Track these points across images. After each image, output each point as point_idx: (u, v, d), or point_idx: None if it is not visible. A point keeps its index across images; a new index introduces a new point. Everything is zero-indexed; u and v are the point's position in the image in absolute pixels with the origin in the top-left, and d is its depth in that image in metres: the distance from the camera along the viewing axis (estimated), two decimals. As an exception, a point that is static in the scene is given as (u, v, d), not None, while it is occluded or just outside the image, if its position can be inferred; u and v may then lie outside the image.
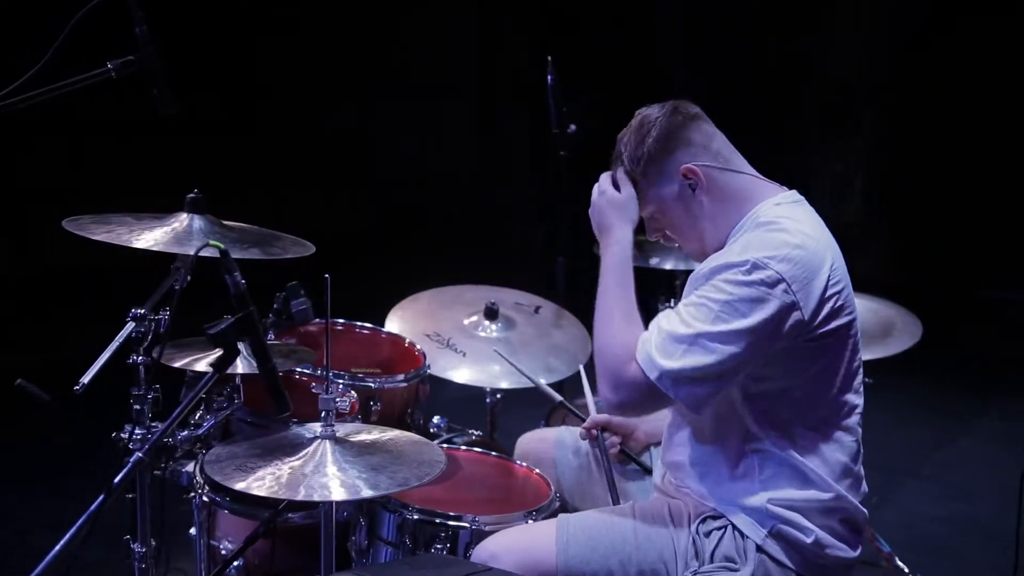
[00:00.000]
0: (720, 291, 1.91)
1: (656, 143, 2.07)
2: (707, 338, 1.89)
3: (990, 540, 3.84)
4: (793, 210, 2.06)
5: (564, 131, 3.40)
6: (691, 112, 2.11)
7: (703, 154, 2.07)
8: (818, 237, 2.01)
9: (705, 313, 1.91)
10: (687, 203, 2.07)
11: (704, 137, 2.09)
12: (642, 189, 2.11)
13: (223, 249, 1.62)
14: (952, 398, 5.49)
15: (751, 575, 1.96)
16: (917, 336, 3.12)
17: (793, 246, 1.94)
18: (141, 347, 2.10)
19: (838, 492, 2.01)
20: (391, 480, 1.80)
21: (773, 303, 1.89)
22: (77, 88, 1.98)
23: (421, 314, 3.03)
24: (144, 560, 2.20)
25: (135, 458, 1.70)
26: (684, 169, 2.05)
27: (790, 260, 1.92)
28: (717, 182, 2.06)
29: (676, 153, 2.07)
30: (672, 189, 2.07)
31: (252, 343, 1.64)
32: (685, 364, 1.89)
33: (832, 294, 1.97)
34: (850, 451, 2.04)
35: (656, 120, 2.09)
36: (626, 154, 2.11)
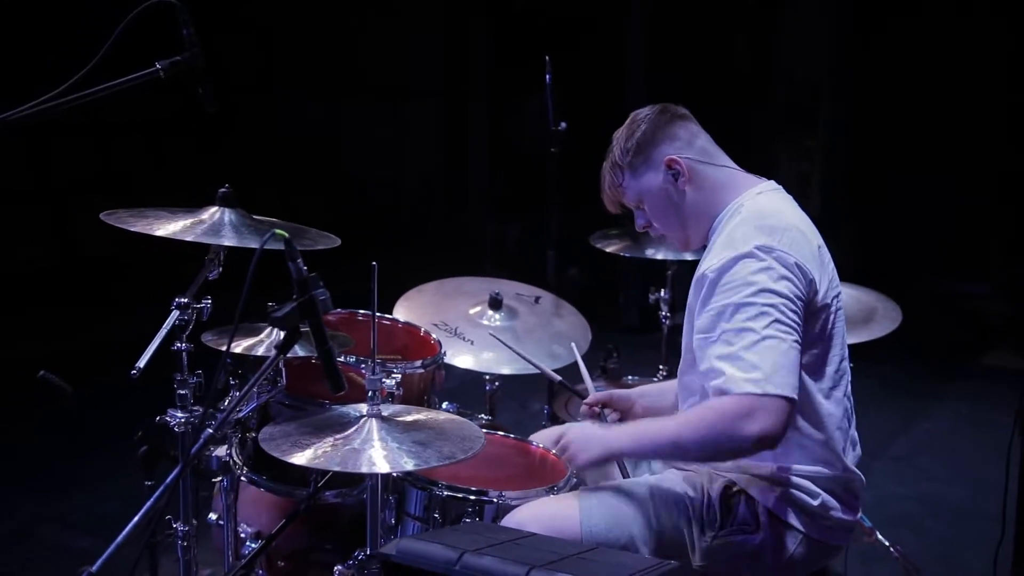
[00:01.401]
0: (748, 285, 2.04)
1: (643, 136, 2.25)
2: (767, 331, 2.01)
3: (959, 516, 4.06)
4: (773, 198, 2.23)
5: (556, 128, 3.53)
6: (678, 112, 2.30)
7: (686, 148, 2.25)
8: (801, 219, 2.19)
9: (750, 312, 2.03)
10: (670, 193, 2.24)
11: (689, 134, 2.27)
12: (629, 179, 2.27)
13: (287, 238, 1.73)
14: (919, 385, 5.73)
15: (765, 538, 2.12)
16: (897, 321, 3.30)
17: (785, 226, 2.11)
18: (184, 334, 2.20)
19: (840, 457, 2.18)
20: (439, 454, 1.92)
21: (794, 274, 2.05)
22: (125, 88, 2.07)
23: (427, 305, 3.15)
24: (186, 539, 2.30)
25: (206, 434, 1.81)
26: (668, 160, 2.23)
27: (789, 238, 2.09)
28: (699, 174, 2.23)
29: (661, 146, 2.24)
30: (657, 179, 2.24)
31: (313, 326, 1.76)
32: (766, 362, 1.99)
33: (826, 262, 2.16)
34: (847, 416, 2.22)
35: (645, 117, 2.28)
36: (617, 147, 2.29)
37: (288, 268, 1.74)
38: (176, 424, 2.19)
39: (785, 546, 2.13)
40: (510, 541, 1.76)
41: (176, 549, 2.35)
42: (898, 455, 4.77)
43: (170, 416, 2.21)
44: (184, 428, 2.19)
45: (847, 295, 3.35)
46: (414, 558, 1.66)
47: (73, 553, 3.55)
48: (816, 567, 2.24)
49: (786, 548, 2.13)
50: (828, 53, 7.07)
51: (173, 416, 2.20)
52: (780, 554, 2.13)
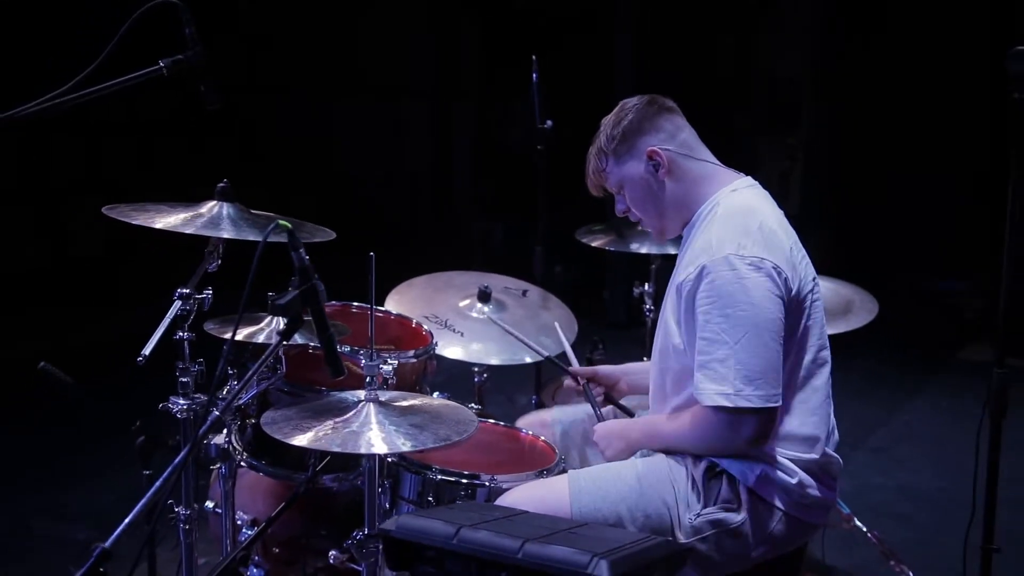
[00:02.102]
0: (720, 296, 2.14)
1: (629, 125, 2.34)
2: (741, 342, 2.11)
3: (935, 503, 4.16)
4: (747, 195, 2.32)
5: (543, 126, 3.62)
6: (665, 104, 2.38)
7: (669, 141, 2.34)
8: (773, 215, 2.28)
9: (723, 325, 2.13)
10: (650, 182, 2.33)
11: (673, 127, 2.36)
12: (612, 166, 2.37)
13: (290, 229, 1.81)
14: (899, 379, 5.85)
15: (746, 516, 2.20)
16: (874, 312, 3.39)
17: (757, 227, 2.20)
18: (186, 324, 2.27)
19: (819, 441, 2.27)
20: (435, 436, 2.01)
21: (766, 279, 2.14)
22: (130, 85, 2.14)
23: (417, 298, 3.23)
24: (188, 522, 2.37)
25: (213, 416, 1.88)
26: (650, 151, 2.32)
27: (762, 239, 2.18)
28: (679, 166, 2.33)
29: (646, 136, 2.33)
30: (638, 168, 2.34)
31: (314, 312, 1.83)
32: (739, 375, 2.10)
33: (799, 259, 2.25)
34: (827, 402, 2.31)
35: (633, 106, 2.37)
36: (604, 133, 2.38)
37: (290, 257, 1.81)
38: (179, 411, 2.26)
39: (765, 523, 2.22)
40: (504, 518, 1.84)
41: (178, 532, 2.41)
42: (878, 446, 4.88)
43: (172, 403, 2.28)
44: (187, 415, 2.27)
45: (826, 288, 3.45)
46: (413, 533, 1.74)
47: (70, 545, 3.60)
48: (796, 543, 2.33)
49: (766, 525, 2.22)
50: (811, 53, 7.20)
51: (175, 403, 2.28)
52: (761, 530, 2.22)
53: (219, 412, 1.93)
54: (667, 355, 2.31)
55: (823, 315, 2.32)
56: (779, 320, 2.14)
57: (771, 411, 2.14)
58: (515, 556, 1.64)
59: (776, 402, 2.14)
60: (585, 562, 1.59)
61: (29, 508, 3.88)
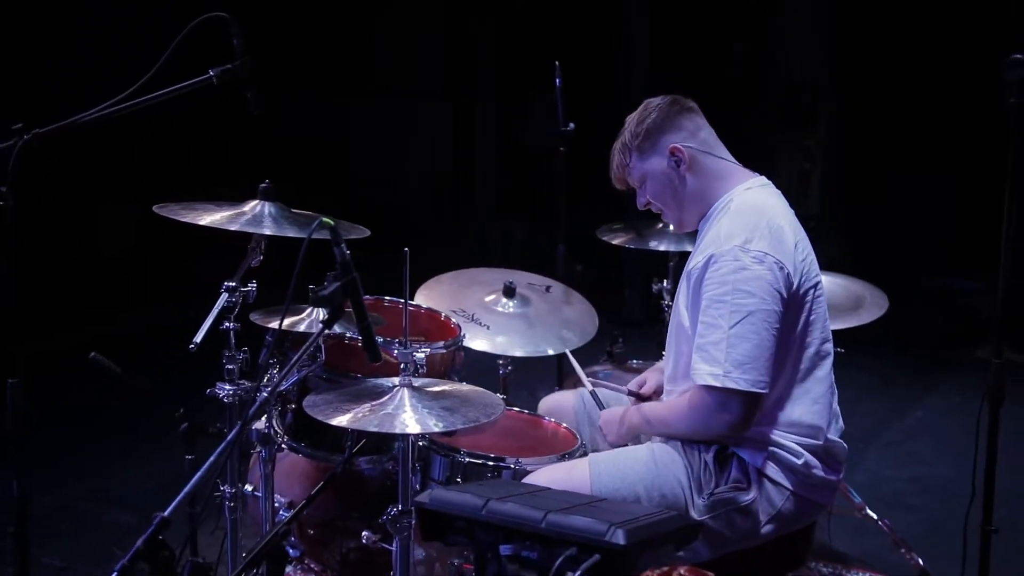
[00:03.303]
0: (723, 284, 2.30)
1: (652, 123, 2.50)
2: (736, 327, 2.26)
3: (945, 495, 4.27)
4: (760, 193, 2.48)
5: (565, 128, 3.76)
6: (687, 105, 2.55)
7: (690, 139, 2.50)
8: (782, 213, 2.43)
9: (721, 310, 2.28)
10: (671, 177, 2.49)
11: (694, 125, 2.52)
12: (636, 161, 2.53)
13: (333, 225, 1.97)
14: (913, 377, 5.96)
15: (756, 495, 2.35)
16: (884, 308, 3.52)
17: (765, 224, 2.35)
18: (232, 315, 2.44)
19: (822, 429, 2.41)
20: (465, 418, 2.16)
21: (767, 272, 2.29)
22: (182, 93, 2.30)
23: (445, 293, 3.37)
24: (233, 499, 2.54)
25: (262, 397, 2.04)
26: (672, 147, 2.48)
27: (766, 234, 2.33)
28: (698, 163, 2.48)
29: (668, 134, 2.49)
30: (661, 163, 2.50)
31: (354, 303, 1.99)
32: (730, 357, 2.26)
33: (804, 256, 2.39)
34: (830, 392, 2.45)
35: (657, 105, 2.53)
36: (628, 130, 2.54)
37: (333, 252, 1.97)
38: (225, 396, 2.43)
39: (774, 501, 2.36)
40: (529, 493, 1.99)
41: (223, 510, 2.58)
42: (891, 440, 5.00)
43: (219, 389, 2.45)
44: (232, 400, 2.43)
45: (837, 285, 3.61)
46: (445, 505, 1.89)
47: (112, 527, 3.76)
48: (803, 522, 2.47)
49: (775, 503, 2.36)
50: (826, 54, 7.30)
51: (222, 389, 2.44)
52: (770, 509, 2.37)
53: (268, 394, 2.07)
54: (680, 339, 2.46)
55: (826, 311, 2.45)
56: (776, 312, 2.28)
57: (757, 396, 2.28)
58: (539, 525, 1.79)
59: (763, 388, 2.27)
60: (603, 530, 1.74)
61: (73, 493, 4.06)
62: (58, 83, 6.06)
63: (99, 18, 6.38)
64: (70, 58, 6.24)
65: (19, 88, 5.93)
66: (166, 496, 1.92)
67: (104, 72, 5.87)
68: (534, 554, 1.80)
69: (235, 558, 2.70)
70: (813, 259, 2.44)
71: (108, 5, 6.33)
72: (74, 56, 6.26)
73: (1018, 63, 2.26)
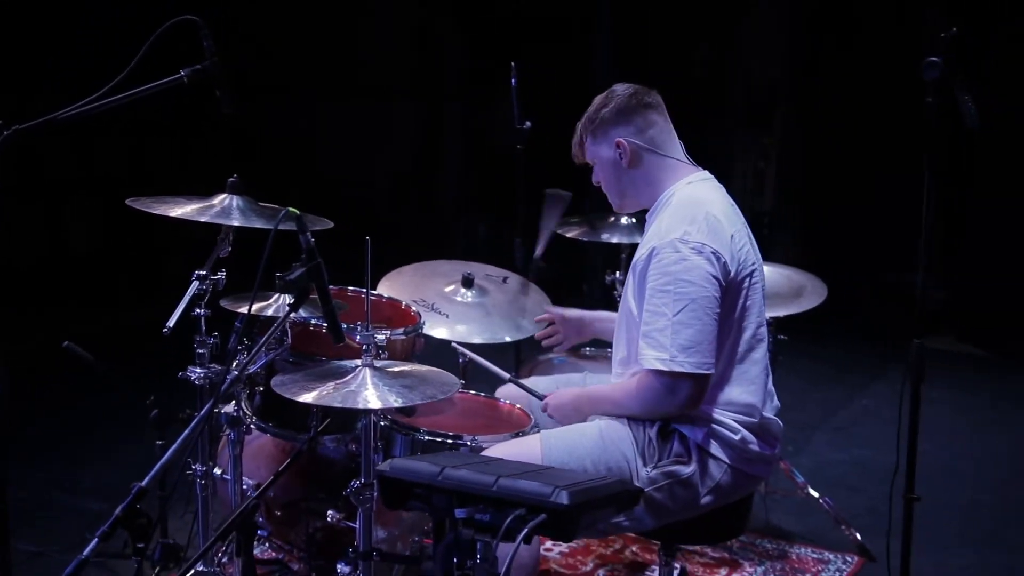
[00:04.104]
0: (665, 274, 2.47)
1: (607, 113, 2.68)
2: (679, 315, 2.43)
3: (885, 477, 4.46)
4: (700, 187, 2.65)
5: (522, 127, 3.91)
6: (646, 100, 2.70)
7: (637, 135, 2.67)
8: (719, 205, 2.59)
9: (664, 299, 2.46)
10: (615, 166, 2.68)
11: (645, 123, 2.68)
12: (589, 143, 2.72)
13: (299, 215, 2.11)
14: (857, 365, 6.19)
15: (696, 468, 2.52)
16: (824, 295, 3.73)
17: (703, 216, 2.52)
18: (203, 302, 2.58)
19: (757, 407, 2.59)
20: (423, 394, 2.32)
21: (705, 262, 2.46)
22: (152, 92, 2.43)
23: (406, 283, 3.52)
24: (204, 478, 2.68)
25: (232, 375, 2.18)
26: (617, 141, 2.66)
27: (703, 226, 2.49)
28: (640, 158, 2.67)
29: (618, 127, 2.67)
30: (607, 152, 2.69)
31: (319, 287, 2.14)
32: (675, 343, 2.42)
33: (740, 246, 2.55)
34: (764, 373, 2.62)
35: (616, 95, 2.70)
36: (588, 113, 2.72)
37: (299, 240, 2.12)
38: (196, 378, 2.57)
39: (713, 475, 2.53)
40: (482, 462, 2.15)
41: (195, 488, 2.71)
42: (838, 426, 5.22)
43: (190, 372, 2.59)
44: (203, 382, 2.57)
45: (779, 274, 3.81)
46: (405, 472, 2.04)
47: (84, 515, 3.88)
48: (740, 493, 2.64)
49: (714, 476, 2.53)
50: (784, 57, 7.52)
51: (194, 372, 2.58)
52: (709, 481, 2.53)
53: (238, 372, 2.22)
54: (629, 326, 2.63)
55: (762, 297, 2.63)
56: (715, 298, 2.46)
57: (704, 377, 2.45)
58: (490, 489, 1.94)
59: (708, 370, 2.45)
60: (549, 492, 1.90)
61: (46, 483, 4.16)
62: (58, 83, 6.11)
63: (99, 18, 6.42)
64: (70, 58, 6.28)
65: (19, 88, 5.99)
66: None
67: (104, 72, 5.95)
68: (486, 516, 1.95)
69: (206, 535, 2.83)
70: (749, 248, 2.60)
71: (108, 5, 6.38)
72: (74, 56, 6.30)
73: (934, 64, 2.44)
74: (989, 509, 4.24)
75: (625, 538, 3.73)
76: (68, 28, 6.39)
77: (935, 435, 4.61)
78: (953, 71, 2.42)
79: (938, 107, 2.45)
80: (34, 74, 6.21)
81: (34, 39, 6.33)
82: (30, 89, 6.07)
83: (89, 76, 2.58)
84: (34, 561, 3.47)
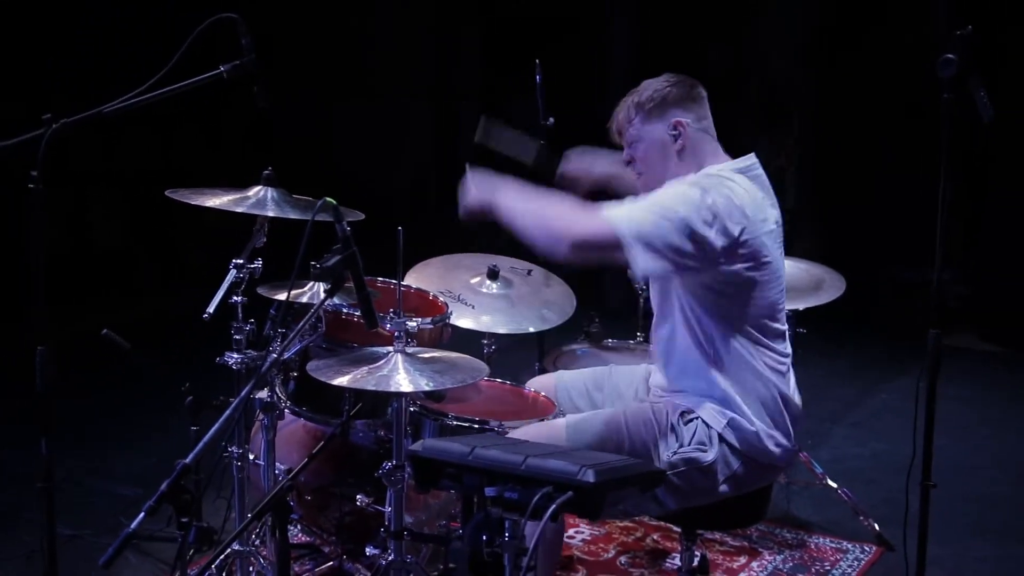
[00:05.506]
0: (668, 193, 2.56)
1: (669, 94, 2.74)
2: (661, 214, 2.48)
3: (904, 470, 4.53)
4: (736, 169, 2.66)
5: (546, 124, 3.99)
6: (703, 93, 2.80)
7: (695, 121, 2.73)
8: (745, 187, 2.61)
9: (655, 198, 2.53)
10: (666, 147, 2.72)
11: (703, 112, 2.77)
12: (639, 121, 2.74)
13: (335, 205, 2.20)
14: (875, 361, 6.23)
15: (715, 456, 2.60)
16: (842, 289, 3.80)
17: (722, 185, 2.56)
18: (240, 289, 2.67)
19: (777, 398, 2.65)
20: (453, 379, 2.40)
21: (705, 209, 2.50)
22: (191, 88, 2.52)
23: (433, 275, 3.61)
24: (241, 460, 2.77)
25: (271, 359, 2.27)
26: (676, 121, 2.71)
27: (719, 191, 2.54)
28: (694, 143, 2.72)
29: (678, 108, 2.73)
30: (661, 131, 2.72)
31: (354, 275, 2.22)
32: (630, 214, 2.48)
33: (762, 228, 2.57)
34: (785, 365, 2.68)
35: (678, 81, 2.78)
36: (645, 92, 2.76)
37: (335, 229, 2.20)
38: (233, 363, 2.66)
39: (730, 464, 2.61)
40: (511, 443, 2.23)
41: (231, 469, 2.81)
42: (857, 421, 5.26)
43: (227, 357, 2.68)
44: (240, 367, 2.66)
45: (799, 269, 3.87)
46: (437, 452, 2.12)
47: (118, 499, 3.99)
48: (757, 485, 2.71)
49: (731, 465, 2.61)
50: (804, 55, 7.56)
51: (230, 357, 2.67)
52: (726, 470, 2.61)
53: (277, 354, 2.31)
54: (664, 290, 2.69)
55: (777, 289, 2.66)
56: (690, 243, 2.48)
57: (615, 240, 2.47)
58: (519, 468, 2.02)
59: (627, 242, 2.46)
60: (575, 471, 1.97)
61: (80, 468, 4.27)
62: (58, 83, 6.21)
63: (99, 18, 6.52)
64: (70, 58, 6.37)
65: (19, 88, 6.09)
66: (169, 471, 2.05)
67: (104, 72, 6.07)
68: (515, 494, 2.03)
69: (241, 517, 2.92)
70: (765, 232, 2.60)
71: (108, 5, 6.48)
72: (74, 56, 6.40)
73: (950, 62, 2.51)
74: (1007, 501, 4.28)
75: (646, 526, 3.81)
76: (68, 28, 6.43)
77: (953, 430, 4.68)
78: (968, 68, 2.48)
79: (954, 103, 2.50)
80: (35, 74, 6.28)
81: (35, 39, 6.36)
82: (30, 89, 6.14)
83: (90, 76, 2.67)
84: (70, 544, 3.57)
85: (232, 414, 2.09)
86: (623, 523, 3.82)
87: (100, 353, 3.19)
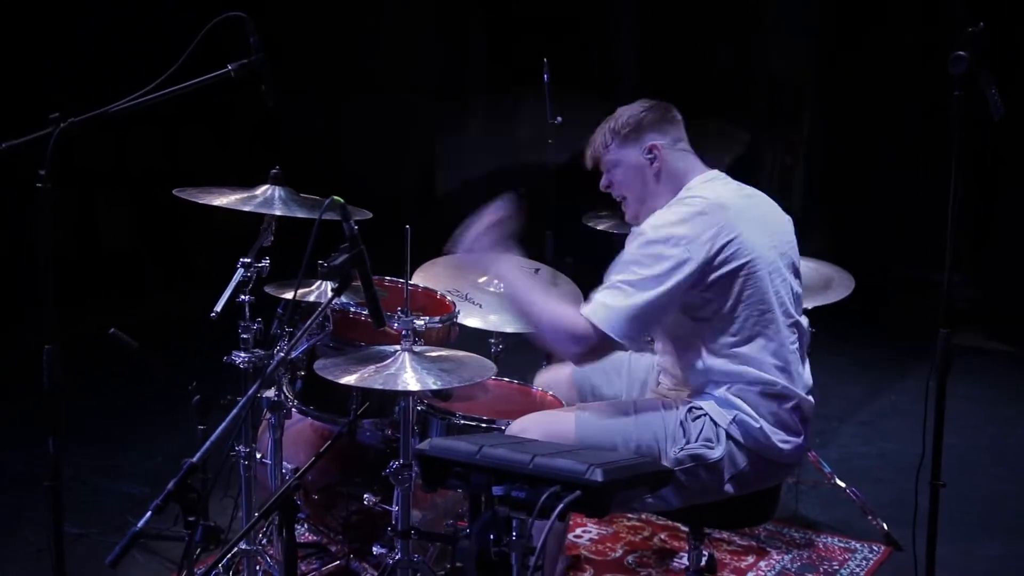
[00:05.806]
0: (634, 257, 2.59)
1: (643, 118, 2.77)
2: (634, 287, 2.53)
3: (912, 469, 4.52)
4: (705, 185, 2.71)
5: (554, 122, 3.99)
6: (676, 116, 2.83)
7: (670, 145, 2.76)
8: (719, 200, 2.64)
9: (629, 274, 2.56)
10: (640, 171, 2.75)
11: (678, 134, 2.80)
12: (616, 147, 2.77)
13: (342, 204, 2.19)
14: (884, 361, 6.21)
15: (723, 452, 2.59)
16: (851, 287, 3.79)
17: (687, 214, 2.59)
18: (247, 288, 2.67)
19: (787, 396, 2.64)
20: (460, 377, 2.40)
21: (671, 259, 2.53)
22: (199, 87, 2.52)
23: (440, 274, 3.59)
24: (248, 459, 2.77)
25: (278, 358, 2.27)
26: (651, 144, 2.74)
27: (682, 224, 2.56)
28: (669, 165, 2.75)
29: (653, 133, 2.76)
30: (636, 156, 2.75)
31: (361, 273, 2.22)
32: (603, 302, 2.53)
33: (725, 243, 2.57)
34: (797, 362, 2.68)
35: (651, 106, 2.80)
36: (620, 118, 2.79)
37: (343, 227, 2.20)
38: (240, 362, 2.66)
39: (737, 461, 2.60)
40: (518, 442, 2.22)
41: (239, 469, 2.80)
42: (865, 420, 5.25)
43: (235, 356, 2.68)
44: (247, 366, 2.66)
45: (808, 268, 3.85)
46: (444, 451, 2.12)
47: (124, 499, 3.99)
48: (765, 484, 2.70)
49: (738, 463, 2.60)
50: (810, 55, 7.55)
51: (237, 356, 2.67)
52: (733, 467, 2.60)
53: (285, 353, 2.30)
54: None
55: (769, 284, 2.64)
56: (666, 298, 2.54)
57: (606, 338, 2.52)
58: (527, 467, 2.02)
59: (618, 336, 2.51)
60: (583, 470, 1.97)
61: (86, 468, 4.27)
62: (58, 83, 6.21)
63: (99, 18, 6.52)
64: (70, 58, 6.37)
65: (19, 88, 6.10)
66: (176, 470, 2.06)
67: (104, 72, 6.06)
68: (522, 493, 2.02)
69: (248, 516, 2.92)
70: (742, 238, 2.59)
71: (108, 5, 6.48)
72: (74, 56, 6.40)
73: (961, 59, 2.49)
74: (1015, 501, 4.27)
75: (654, 525, 3.80)
76: (68, 28, 6.41)
77: (962, 429, 4.66)
78: (979, 65, 2.47)
79: (965, 101, 2.49)
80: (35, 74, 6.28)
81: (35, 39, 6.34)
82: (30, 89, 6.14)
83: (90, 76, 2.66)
84: (77, 543, 3.56)
85: (239, 413, 2.09)
86: (630, 522, 3.81)
87: (107, 352, 3.19)
